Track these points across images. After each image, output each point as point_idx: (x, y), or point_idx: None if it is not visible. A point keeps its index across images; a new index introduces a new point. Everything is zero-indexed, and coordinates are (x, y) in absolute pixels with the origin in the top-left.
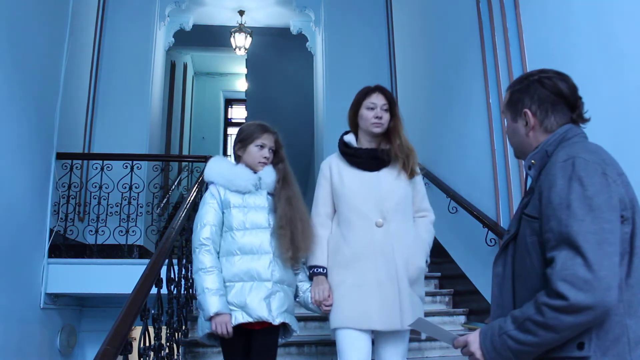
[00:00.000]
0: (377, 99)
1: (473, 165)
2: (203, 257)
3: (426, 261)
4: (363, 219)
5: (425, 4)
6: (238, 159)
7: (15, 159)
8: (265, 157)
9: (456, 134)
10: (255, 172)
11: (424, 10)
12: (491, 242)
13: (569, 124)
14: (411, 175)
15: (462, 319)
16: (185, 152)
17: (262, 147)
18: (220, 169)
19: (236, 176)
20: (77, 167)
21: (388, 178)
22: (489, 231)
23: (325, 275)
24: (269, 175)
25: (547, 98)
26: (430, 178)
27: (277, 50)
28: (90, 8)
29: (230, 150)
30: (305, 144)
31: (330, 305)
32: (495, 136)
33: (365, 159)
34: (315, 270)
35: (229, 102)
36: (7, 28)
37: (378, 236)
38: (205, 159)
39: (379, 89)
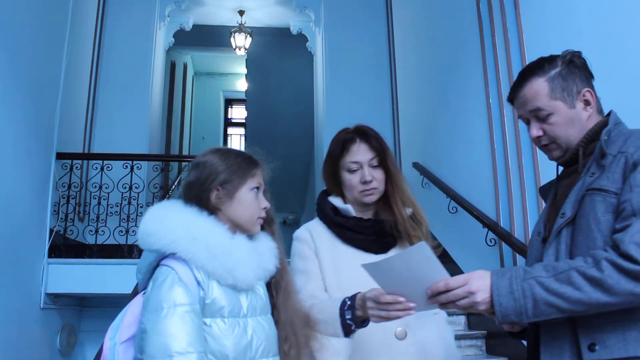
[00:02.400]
0: (360, 154)
1: (473, 165)
2: None
3: None
4: (376, 328)
5: (425, 4)
6: (214, 213)
7: (15, 159)
8: (265, 208)
9: (456, 134)
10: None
11: (424, 10)
12: (491, 242)
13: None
14: None
15: (462, 319)
16: (185, 152)
17: (257, 189)
18: (205, 235)
19: (239, 259)
20: (77, 167)
21: None
22: (489, 231)
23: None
24: (271, 252)
25: (589, 77)
26: (430, 178)
27: (277, 50)
28: (90, 8)
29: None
30: (305, 144)
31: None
32: (495, 136)
33: (371, 236)
34: (346, 307)
35: (229, 102)
36: (7, 28)
37: (402, 354)
38: None
39: (359, 134)
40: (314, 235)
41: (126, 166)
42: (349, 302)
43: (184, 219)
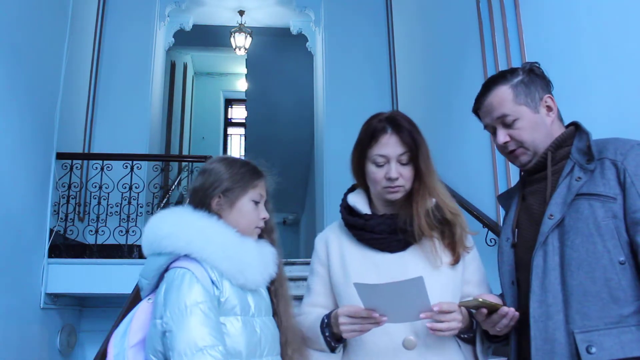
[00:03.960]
0: (390, 147)
1: (473, 165)
2: None
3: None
4: (382, 336)
5: (425, 4)
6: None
7: (15, 159)
8: (264, 219)
9: (456, 134)
10: None
11: (424, 10)
12: (491, 242)
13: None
14: (457, 258)
15: None
16: (185, 152)
17: (257, 202)
18: (218, 236)
19: (250, 261)
20: (77, 167)
21: (420, 264)
22: (489, 231)
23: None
24: (272, 258)
25: (549, 85)
26: None
27: (277, 50)
28: (90, 8)
29: (231, 150)
30: (305, 145)
31: (368, 314)
32: None
33: (382, 233)
34: (324, 326)
35: (229, 102)
36: (7, 28)
37: None
38: (205, 159)
39: (391, 123)
40: (329, 242)
41: (126, 166)
42: (326, 320)
43: (197, 222)
